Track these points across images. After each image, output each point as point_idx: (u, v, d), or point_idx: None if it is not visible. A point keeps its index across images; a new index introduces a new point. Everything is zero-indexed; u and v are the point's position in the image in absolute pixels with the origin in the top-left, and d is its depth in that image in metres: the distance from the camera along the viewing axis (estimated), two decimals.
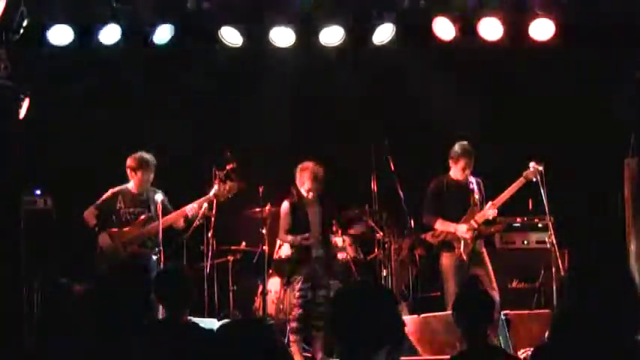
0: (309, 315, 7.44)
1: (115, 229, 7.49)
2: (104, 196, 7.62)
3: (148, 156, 7.56)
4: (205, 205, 7.52)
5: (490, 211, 7.61)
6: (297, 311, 7.44)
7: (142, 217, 7.49)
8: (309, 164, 7.54)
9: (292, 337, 7.43)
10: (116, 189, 7.62)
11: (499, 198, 7.65)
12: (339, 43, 8.15)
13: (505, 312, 6.91)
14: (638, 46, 7.94)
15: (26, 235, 6.29)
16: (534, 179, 7.46)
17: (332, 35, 8.11)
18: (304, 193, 7.54)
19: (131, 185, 7.60)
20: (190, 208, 7.46)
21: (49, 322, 4.20)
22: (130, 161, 7.56)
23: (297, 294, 7.45)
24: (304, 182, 7.51)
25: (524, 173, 7.52)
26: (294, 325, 7.44)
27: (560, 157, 8.24)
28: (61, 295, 4.20)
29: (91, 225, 7.53)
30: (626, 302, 2.88)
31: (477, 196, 7.72)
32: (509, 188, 7.63)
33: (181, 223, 7.59)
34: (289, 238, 7.60)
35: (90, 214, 7.55)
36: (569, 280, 2.97)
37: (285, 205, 7.62)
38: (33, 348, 4.18)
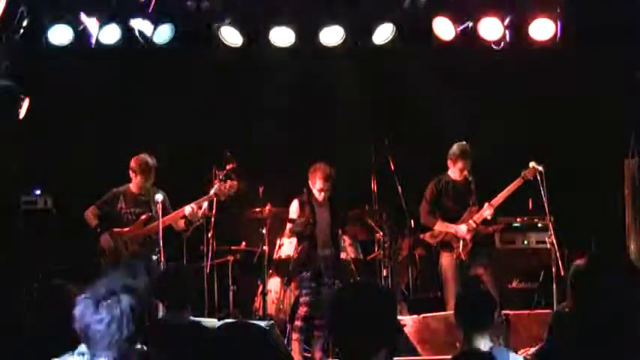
0: (314, 315, 7.42)
1: (117, 229, 7.50)
2: (105, 197, 7.63)
3: (149, 159, 7.58)
4: (205, 204, 7.52)
5: (487, 211, 7.62)
6: (303, 310, 7.39)
7: (143, 217, 7.50)
8: (320, 165, 7.53)
9: (295, 336, 7.39)
10: (118, 189, 7.63)
11: (497, 198, 7.65)
12: (339, 43, 8.15)
13: (505, 312, 6.91)
14: (638, 46, 7.94)
15: (26, 235, 6.29)
16: (532, 178, 7.46)
17: (332, 35, 8.11)
18: (316, 194, 7.53)
19: (132, 185, 7.61)
20: (189, 209, 7.45)
21: (43, 322, 4.20)
22: (132, 163, 7.58)
23: (304, 292, 7.42)
24: (316, 182, 7.49)
25: (523, 173, 7.52)
26: (298, 323, 7.40)
27: (560, 157, 8.23)
28: (55, 296, 4.20)
29: (93, 225, 7.53)
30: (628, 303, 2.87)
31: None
32: (508, 188, 7.62)
33: (181, 224, 7.59)
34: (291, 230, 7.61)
35: (90, 214, 7.56)
36: (571, 280, 2.96)
37: (295, 204, 7.61)
38: (27, 348, 4.17)
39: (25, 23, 7.07)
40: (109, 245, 7.46)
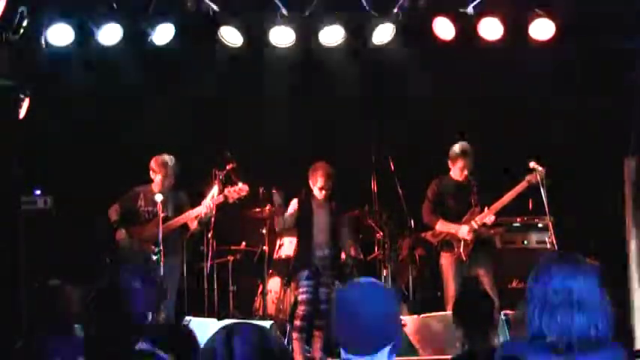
0: (313, 314, 7.41)
1: (135, 227, 7.59)
2: (127, 194, 7.74)
3: (168, 159, 7.64)
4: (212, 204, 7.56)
5: (489, 217, 7.63)
6: (302, 309, 7.36)
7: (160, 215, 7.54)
8: (321, 164, 7.53)
9: (295, 335, 7.37)
10: (139, 187, 7.74)
11: (500, 202, 7.65)
12: (339, 43, 8.15)
13: (505, 312, 6.91)
14: (638, 46, 7.93)
15: (26, 235, 6.29)
16: (536, 182, 7.45)
17: (332, 35, 8.11)
18: (317, 193, 7.51)
19: (154, 185, 7.66)
20: (197, 211, 7.51)
21: (37, 323, 4.21)
22: (152, 163, 7.63)
23: (302, 290, 7.41)
24: (317, 180, 7.46)
25: (527, 177, 7.50)
26: (298, 323, 7.37)
27: (560, 157, 8.23)
28: (50, 297, 4.21)
29: (112, 220, 7.66)
30: None
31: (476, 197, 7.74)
32: (511, 192, 7.62)
33: (196, 225, 7.63)
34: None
35: (113, 211, 7.70)
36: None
37: (294, 203, 7.61)
38: (21, 349, 4.18)
39: (25, 23, 7.05)
40: (123, 240, 7.56)
